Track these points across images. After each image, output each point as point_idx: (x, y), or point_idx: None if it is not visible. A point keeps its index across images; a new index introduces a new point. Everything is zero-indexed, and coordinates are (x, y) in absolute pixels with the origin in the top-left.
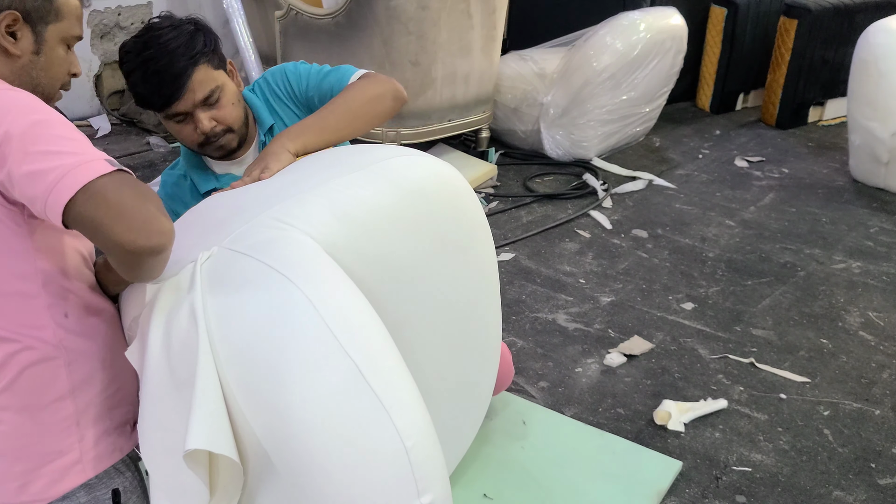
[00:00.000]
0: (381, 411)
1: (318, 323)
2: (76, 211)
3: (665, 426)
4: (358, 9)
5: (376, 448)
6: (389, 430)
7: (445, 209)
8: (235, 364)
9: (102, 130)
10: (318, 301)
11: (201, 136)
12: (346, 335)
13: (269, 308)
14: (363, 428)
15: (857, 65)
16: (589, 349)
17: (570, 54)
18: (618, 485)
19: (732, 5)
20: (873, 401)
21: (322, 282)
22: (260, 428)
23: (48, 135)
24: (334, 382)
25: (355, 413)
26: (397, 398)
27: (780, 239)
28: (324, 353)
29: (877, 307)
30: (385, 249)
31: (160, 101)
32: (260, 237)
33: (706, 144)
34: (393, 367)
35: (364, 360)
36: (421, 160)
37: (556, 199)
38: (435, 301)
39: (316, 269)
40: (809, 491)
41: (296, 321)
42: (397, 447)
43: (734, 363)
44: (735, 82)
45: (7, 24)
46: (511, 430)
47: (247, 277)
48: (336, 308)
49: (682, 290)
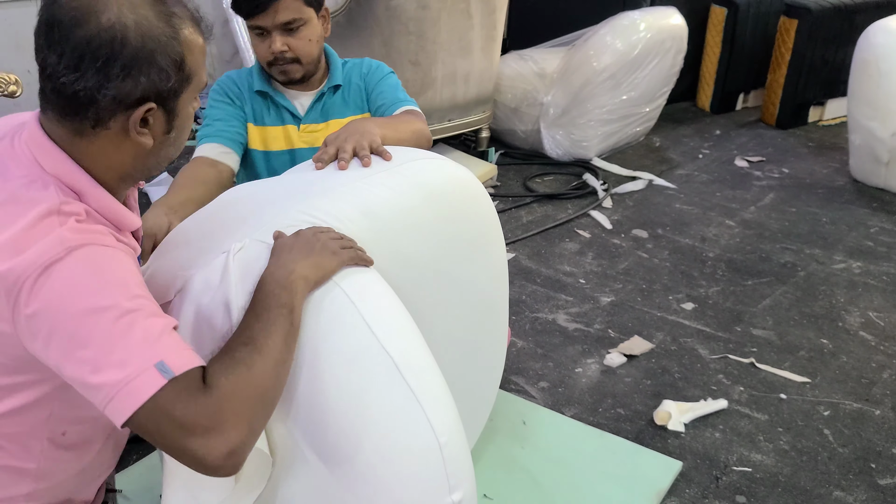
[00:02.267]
0: (416, 406)
1: (356, 317)
2: (139, 423)
3: (665, 426)
4: (358, 9)
5: (411, 442)
6: (424, 425)
7: (463, 211)
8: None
9: None
10: (355, 296)
11: (270, 55)
12: (382, 330)
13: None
14: (399, 422)
15: (858, 65)
16: (589, 349)
17: (570, 54)
18: (618, 485)
19: (732, 5)
20: (873, 401)
21: (357, 276)
22: (290, 420)
23: (100, 333)
24: (371, 377)
25: (391, 407)
26: (432, 394)
27: (781, 239)
28: (362, 347)
29: (877, 307)
30: (407, 248)
31: (247, 8)
32: (290, 229)
33: (706, 144)
34: (427, 364)
35: (400, 356)
36: (441, 164)
37: (556, 199)
38: (450, 300)
39: None
40: (809, 491)
41: (334, 315)
42: (431, 443)
43: (734, 363)
44: (735, 82)
45: (142, 118)
46: (511, 430)
47: None
48: (373, 303)
49: (683, 290)
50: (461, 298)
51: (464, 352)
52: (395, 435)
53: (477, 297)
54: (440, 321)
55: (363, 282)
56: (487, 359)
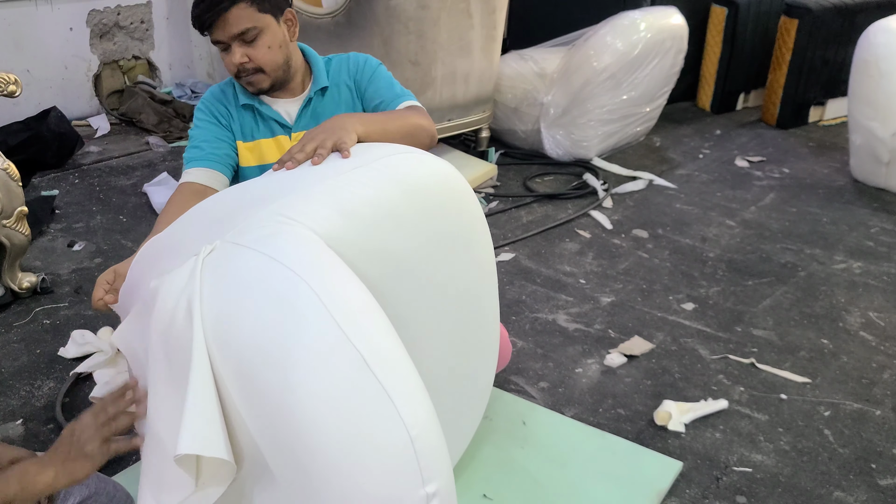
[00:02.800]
0: (386, 401)
1: (324, 314)
2: None
3: (665, 426)
4: (358, 8)
5: (382, 438)
6: (395, 419)
7: (445, 206)
8: (235, 357)
9: (102, 130)
10: (322, 292)
11: (234, 68)
12: (350, 326)
13: (273, 300)
14: (369, 418)
15: (858, 65)
16: (589, 349)
17: (570, 54)
18: (618, 485)
19: (733, 5)
20: (874, 401)
21: (326, 274)
22: (258, 422)
23: None
24: (340, 373)
25: (361, 403)
26: (402, 388)
27: (781, 239)
28: (330, 343)
29: (877, 307)
30: (387, 245)
31: (199, 25)
32: (263, 231)
33: (707, 144)
34: (397, 358)
35: (369, 351)
36: (420, 158)
37: (556, 199)
38: (434, 297)
39: (319, 262)
40: (810, 491)
41: (300, 312)
42: (402, 436)
43: (735, 363)
44: (735, 82)
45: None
46: (511, 431)
47: (250, 270)
48: (340, 299)
49: (683, 291)
50: (446, 294)
51: (451, 348)
52: (365, 432)
53: (462, 292)
54: (424, 318)
55: (331, 278)
56: (477, 354)
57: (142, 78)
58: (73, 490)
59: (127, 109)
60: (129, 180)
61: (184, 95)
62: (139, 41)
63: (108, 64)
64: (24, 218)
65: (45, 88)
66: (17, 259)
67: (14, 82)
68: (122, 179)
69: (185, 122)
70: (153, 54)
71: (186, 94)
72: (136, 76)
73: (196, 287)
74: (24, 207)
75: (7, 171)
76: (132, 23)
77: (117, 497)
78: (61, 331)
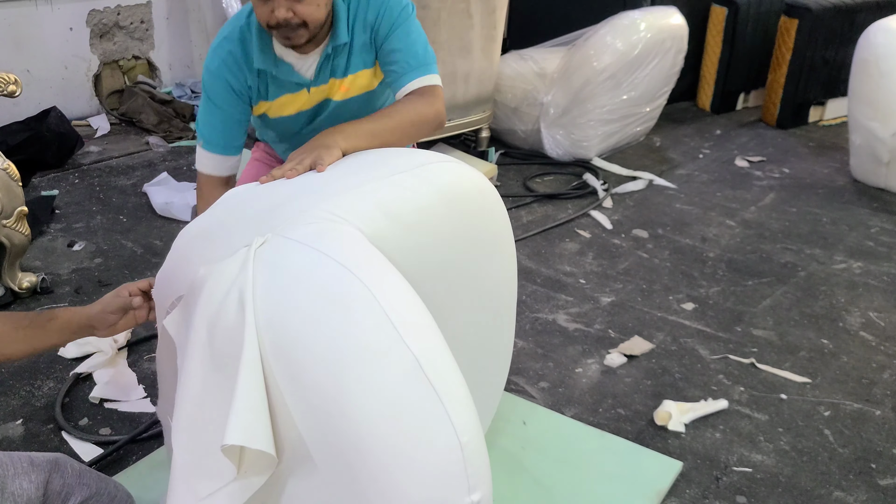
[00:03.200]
0: (438, 405)
1: (379, 313)
2: None
3: (665, 426)
4: None
5: (433, 442)
6: (446, 424)
7: (478, 213)
8: (286, 351)
9: (101, 130)
10: (378, 292)
11: (273, 20)
12: (405, 327)
13: (327, 296)
14: (421, 421)
15: (858, 64)
16: (589, 349)
17: (570, 54)
18: (618, 485)
19: (733, 5)
20: (874, 401)
21: (378, 272)
22: (306, 417)
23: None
24: (394, 374)
25: (414, 405)
26: (453, 394)
27: (781, 239)
28: (385, 343)
29: (877, 307)
30: (425, 248)
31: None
32: (313, 227)
33: (707, 144)
34: (447, 363)
35: (423, 354)
36: (456, 167)
37: (556, 199)
38: (463, 301)
39: (371, 262)
40: (810, 491)
41: (356, 310)
42: (453, 442)
43: (735, 363)
44: (735, 82)
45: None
46: (511, 431)
47: (304, 265)
48: (394, 299)
49: (683, 291)
50: (473, 299)
51: (473, 352)
52: (417, 434)
53: (488, 298)
54: (453, 322)
55: (384, 278)
56: (495, 360)
57: (142, 78)
58: (74, 490)
59: (127, 109)
60: (129, 180)
61: (184, 95)
62: (139, 41)
63: (108, 64)
64: (24, 218)
65: (45, 88)
66: (17, 259)
67: (14, 82)
68: (122, 179)
69: (185, 122)
70: (153, 54)
71: (186, 94)
72: (136, 76)
73: (248, 279)
74: (24, 207)
75: (7, 171)
76: (132, 23)
77: (119, 497)
78: None
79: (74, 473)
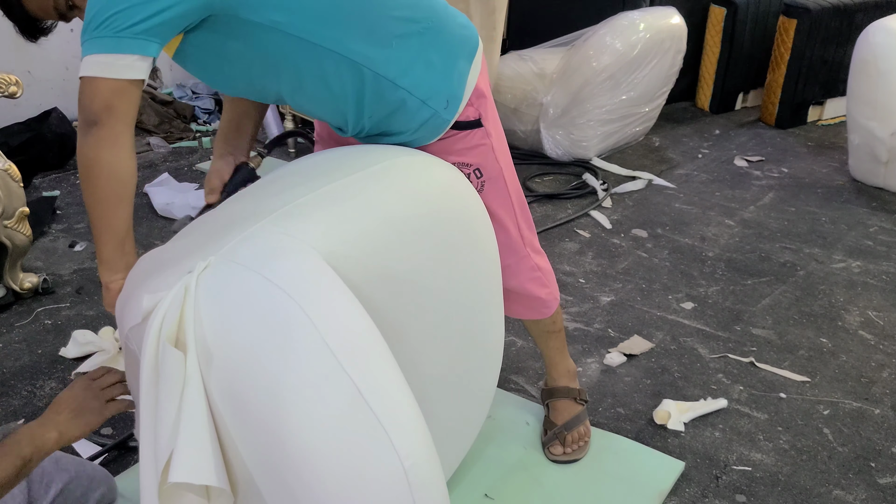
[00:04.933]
0: (380, 432)
1: (318, 341)
2: None
3: (665, 426)
4: None
5: (375, 470)
6: (388, 451)
7: (446, 209)
8: (227, 382)
9: None
10: (318, 319)
11: None
12: (345, 354)
13: (267, 325)
14: (362, 449)
15: (857, 64)
16: (589, 349)
17: (569, 54)
18: (619, 485)
19: (732, 5)
20: (873, 400)
21: (323, 298)
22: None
23: None
24: (333, 403)
25: (354, 434)
26: (397, 418)
27: (780, 238)
28: (323, 372)
29: (876, 306)
30: (389, 257)
31: None
32: (260, 247)
33: (706, 144)
34: (393, 386)
35: (363, 380)
36: (422, 160)
37: (556, 199)
38: (438, 304)
39: (317, 285)
40: (809, 490)
41: (295, 339)
42: (396, 468)
43: (734, 362)
44: (734, 82)
45: None
46: (512, 430)
47: (245, 292)
48: (337, 326)
49: (682, 290)
50: (449, 301)
51: (455, 354)
52: (359, 463)
53: (466, 297)
54: (425, 325)
55: (327, 303)
56: (482, 356)
57: None
58: (54, 477)
59: None
60: None
61: (185, 96)
62: None
63: None
64: (25, 218)
65: (47, 89)
66: (19, 259)
67: (15, 83)
68: None
69: (186, 122)
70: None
71: (187, 94)
72: None
73: (190, 308)
74: (26, 208)
75: (8, 172)
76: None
77: (97, 478)
78: (63, 331)
79: (52, 460)
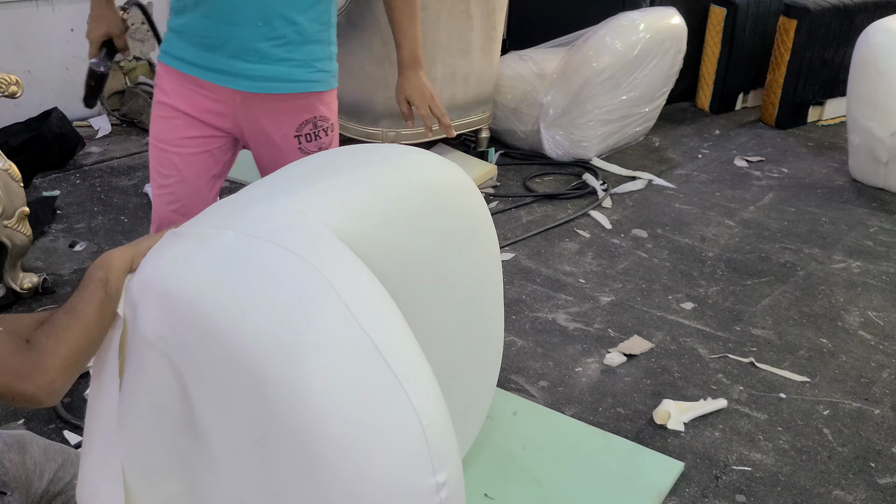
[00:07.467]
0: (398, 390)
1: (338, 304)
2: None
3: (665, 426)
4: (357, 9)
5: (393, 425)
6: (407, 407)
7: (453, 205)
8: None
9: (103, 131)
10: (338, 283)
11: None
12: (364, 315)
13: (288, 290)
14: (381, 405)
15: (857, 64)
16: (589, 349)
17: (569, 54)
18: (619, 485)
19: (732, 5)
20: (873, 400)
21: (340, 265)
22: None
23: None
24: (354, 360)
25: (373, 391)
26: (414, 377)
27: (780, 238)
28: (344, 332)
29: (876, 307)
30: (396, 242)
31: None
32: (275, 224)
33: (706, 144)
34: (409, 349)
35: (382, 340)
36: (428, 158)
37: (556, 199)
38: (441, 295)
39: (334, 255)
40: (809, 490)
41: (315, 303)
42: (414, 425)
43: (734, 363)
44: (734, 82)
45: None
46: (512, 430)
47: (265, 262)
48: (356, 291)
49: (682, 290)
50: (452, 293)
51: (456, 347)
52: (377, 419)
53: (468, 291)
54: (430, 316)
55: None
56: (482, 353)
57: (143, 79)
58: (45, 465)
59: (128, 110)
60: (131, 181)
61: None
62: (140, 42)
63: None
64: (25, 218)
65: (47, 89)
66: (19, 259)
67: (15, 83)
68: (124, 180)
69: None
70: (154, 55)
71: None
72: (138, 77)
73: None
74: (26, 208)
75: (8, 172)
76: (133, 24)
77: None
78: None
79: (41, 450)
